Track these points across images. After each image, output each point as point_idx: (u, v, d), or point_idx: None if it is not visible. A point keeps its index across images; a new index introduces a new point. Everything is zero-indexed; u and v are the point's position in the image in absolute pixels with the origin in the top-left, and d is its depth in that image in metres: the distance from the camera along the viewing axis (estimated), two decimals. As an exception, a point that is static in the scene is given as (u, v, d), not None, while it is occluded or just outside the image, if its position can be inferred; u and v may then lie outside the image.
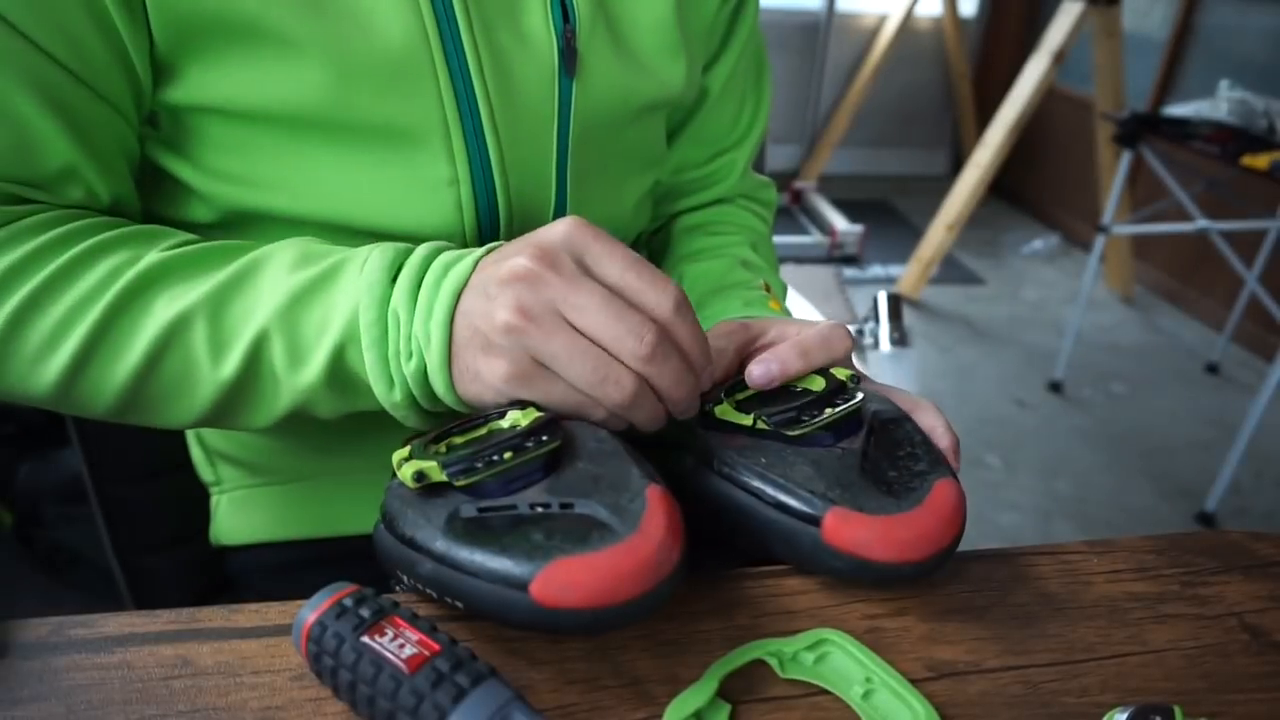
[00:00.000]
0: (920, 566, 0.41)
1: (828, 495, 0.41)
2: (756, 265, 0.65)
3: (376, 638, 0.33)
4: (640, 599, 0.34)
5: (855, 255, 3.16)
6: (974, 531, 1.87)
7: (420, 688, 0.31)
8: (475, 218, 0.51)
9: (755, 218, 0.72)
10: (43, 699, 0.35)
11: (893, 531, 0.40)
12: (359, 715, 0.33)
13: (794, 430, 0.44)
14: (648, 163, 0.63)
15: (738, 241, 0.67)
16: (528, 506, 0.37)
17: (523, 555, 0.34)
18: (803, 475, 0.42)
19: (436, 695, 0.31)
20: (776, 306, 0.59)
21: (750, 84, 0.69)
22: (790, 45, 3.76)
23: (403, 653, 0.32)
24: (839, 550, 0.41)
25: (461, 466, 0.37)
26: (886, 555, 0.40)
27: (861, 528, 0.40)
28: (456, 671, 0.31)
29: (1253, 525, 1.97)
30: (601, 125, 0.55)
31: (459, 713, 0.30)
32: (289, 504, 0.61)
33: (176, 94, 0.46)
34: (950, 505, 0.42)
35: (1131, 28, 3.16)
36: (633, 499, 0.37)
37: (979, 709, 0.38)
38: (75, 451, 0.69)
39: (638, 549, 0.34)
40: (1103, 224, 2.30)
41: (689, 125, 0.67)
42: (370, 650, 0.32)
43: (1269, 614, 0.45)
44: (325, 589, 0.35)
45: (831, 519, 0.41)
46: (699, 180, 0.70)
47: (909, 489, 0.42)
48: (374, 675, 0.32)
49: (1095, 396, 2.45)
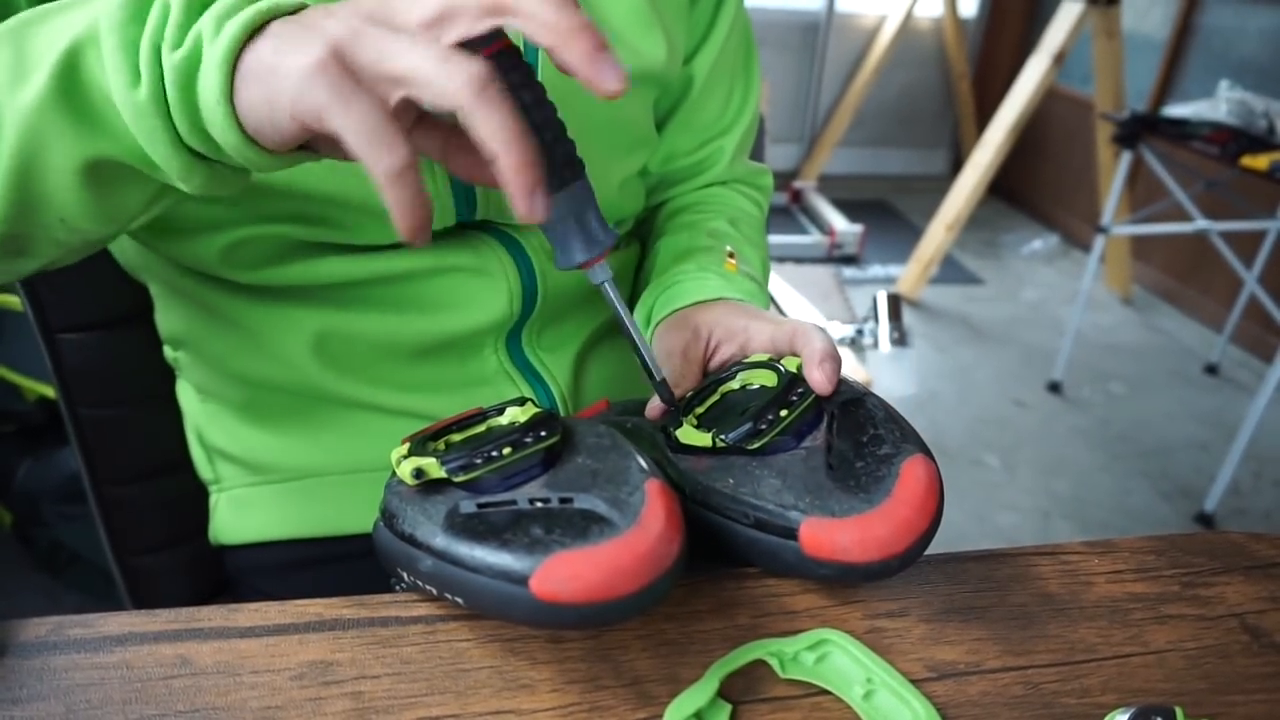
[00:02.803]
0: (905, 557, 0.40)
1: (798, 506, 0.41)
2: (724, 234, 0.65)
3: None
4: (640, 593, 0.34)
5: (855, 255, 3.15)
6: (973, 531, 1.88)
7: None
8: (450, 189, 0.51)
9: (745, 199, 0.72)
10: (42, 698, 0.35)
11: (869, 531, 0.40)
12: None
13: (755, 443, 0.43)
14: (633, 143, 0.62)
15: (714, 215, 0.67)
16: (527, 502, 0.37)
17: (522, 550, 0.34)
18: (771, 489, 0.42)
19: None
20: (732, 266, 0.58)
21: (739, 69, 0.69)
22: (790, 45, 3.76)
23: None
24: (821, 560, 0.40)
25: (460, 463, 0.37)
26: (868, 556, 0.40)
27: (838, 534, 0.40)
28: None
29: (1252, 526, 1.97)
30: (573, 93, 0.54)
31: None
32: (289, 503, 0.61)
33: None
34: (921, 487, 0.41)
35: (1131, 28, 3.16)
36: (632, 492, 0.36)
37: (979, 709, 0.38)
38: (74, 451, 0.69)
39: (637, 542, 0.34)
40: (1102, 224, 2.30)
41: (677, 113, 0.67)
42: None
43: (1269, 615, 0.45)
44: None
45: (807, 532, 0.40)
46: (689, 169, 0.70)
47: (877, 479, 0.41)
48: None
49: (1094, 397, 2.45)
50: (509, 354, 0.59)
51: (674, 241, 0.64)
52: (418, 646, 0.38)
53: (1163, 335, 2.86)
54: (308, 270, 0.52)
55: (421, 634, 0.39)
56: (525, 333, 0.59)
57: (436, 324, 0.55)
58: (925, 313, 2.87)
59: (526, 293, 0.56)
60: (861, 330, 2.59)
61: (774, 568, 0.43)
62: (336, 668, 0.37)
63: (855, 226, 3.17)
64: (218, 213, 0.49)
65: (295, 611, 0.39)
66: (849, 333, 2.55)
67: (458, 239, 0.55)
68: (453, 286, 0.54)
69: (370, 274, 0.53)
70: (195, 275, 0.54)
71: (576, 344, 0.62)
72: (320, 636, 0.38)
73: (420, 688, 0.36)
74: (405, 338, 0.55)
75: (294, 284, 0.53)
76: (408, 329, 0.55)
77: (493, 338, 0.57)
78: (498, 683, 0.37)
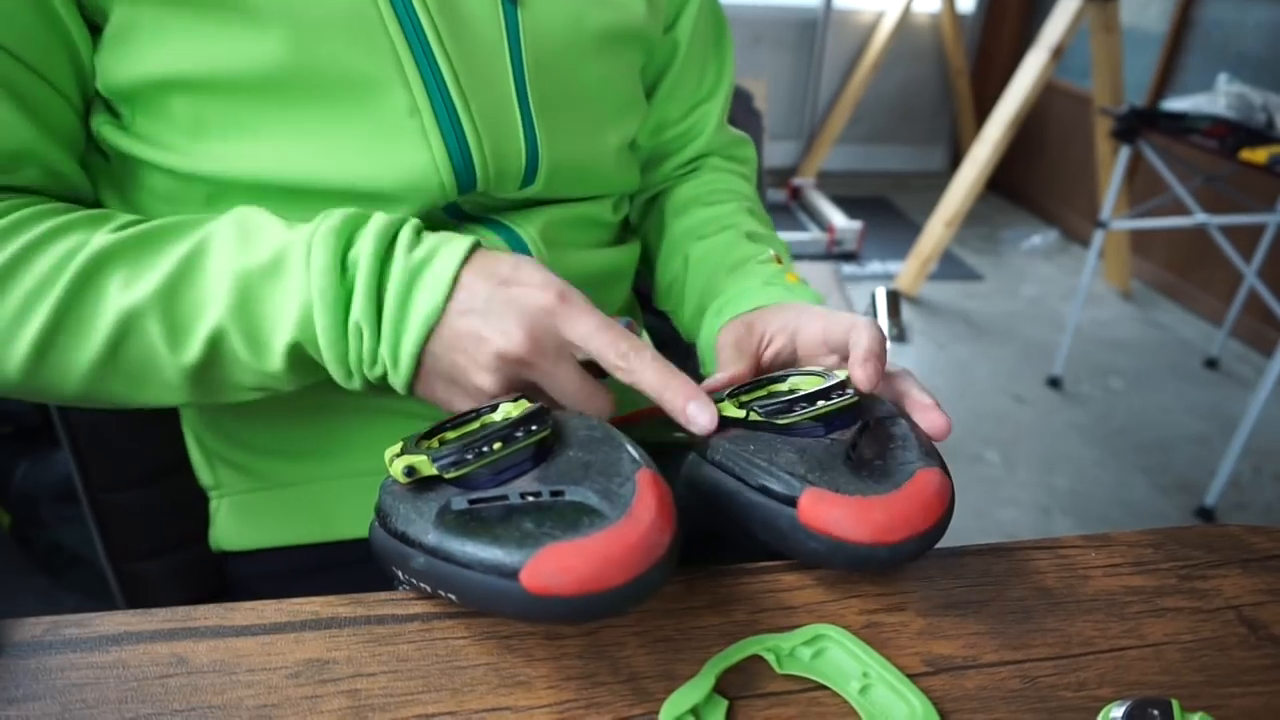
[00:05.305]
0: (895, 549, 0.40)
1: (807, 477, 0.41)
2: (760, 236, 0.66)
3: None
4: (630, 584, 0.34)
5: (853, 252, 3.16)
6: (972, 526, 1.88)
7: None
8: (445, 149, 0.50)
9: (740, 179, 0.73)
10: (37, 698, 0.35)
11: (868, 512, 0.40)
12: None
13: (784, 419, 0.44)
14: (624, 106, 0.62)
15: (735, 209, 0.68)
16: (518, 496, 0.37)
17: (513, 544, 0.34)
18: (786, 460, 0.43)
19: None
20: (794, 279, 0.60)
21: (712, 34, 0.70)
22: (788, 42, 3.76)
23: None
24: (813, 530, 0.40)
25: (451, 459, 0.37)
26: (860, 535, 0.40)
27: (836, 507, 0.40)
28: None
29: (1252, 520, 1.97)
30: (557, 51, 0.55)
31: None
32: (290, 508, 0.61)
33: (136, 69, 0.47)
34: (930, 491, 0.41)
35: (1130, 22, 3.16)
36: (623, 484, 0.36)
37: (976, 704, 0.38)
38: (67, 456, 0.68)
39: (627, 533, 0.34)
40: (1101, 219, 2.30)
41: (664, 81, 0.68)
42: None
43: (1267, 607, 0.45)
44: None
45: (807, 499, 0.41)
46: (678, 138, 0.71)
47: (889, 474, 0.42)
48: None
49: (1094, 392, 2.45)
50: None
51: (714, 246, 0.65)
52: (414, 644, 0.38)
53: (1162, 330, 2.86)
54: None
55: (418, 632, 0.39)
56: None
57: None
58: (924, 309, 2.87)
59: None
60: (861, 327, 2.58)
61: (766, 536, 0.43)
62: (333, 666, 0.37)
63: (854, 223, 3.17)
64: (192, 210, 0.50)
65: (291, 610, 0.39)
66: (848, 329, 2.55)
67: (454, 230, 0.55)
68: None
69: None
70: None
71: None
72: (316, 635, 0.38)
73: (417, 685, 0.36)
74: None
75: None
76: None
77: None
78: (494, 680, 0.37)
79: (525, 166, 0.54)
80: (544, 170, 0.55)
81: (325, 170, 0.49)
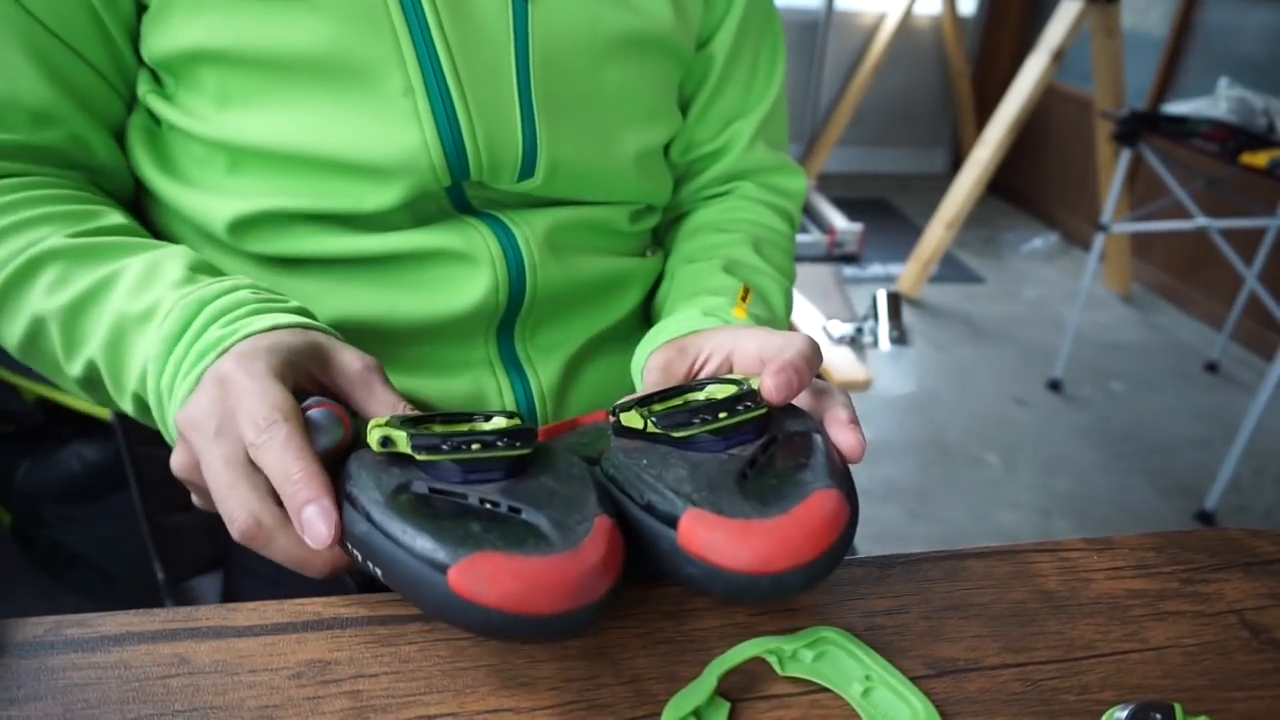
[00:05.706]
0: (778, 580, 0.36)
1: (691, 497, 0.38)
2: (746, 266, 0.62)
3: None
4: (554, 618, 0.33)
5: (854, 254, 3.16)
6: (973, 530, 1.88)
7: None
8: (436, 131, 0.51)
9: (771, 211, 0.70)
10: (39, 698, 0.34)
11: (748, 538, 0.36)
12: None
13: (680, 432, 0.41)
14: (648, 113, 0.61)
15: (736, 240, 0.65)
16: (477, 500, 0.36)
17: (454, 540, 0.34)
18: (675, 477, 0.39)
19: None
20: (741, 314, 0.55)
21: (760, 53, 0.67)
22: (789, 44, 3.73)
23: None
24: (691, 555, 0.37)
25: (428, 444, 0.37)
26: (738, 564, 0.36)
27: (715, 530, 0.37)
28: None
29: (1253, 523, 1.97)
30: (568, 50, 0.55)
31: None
32: None
33: (172, 41, 0.50)
34: (821, 516, 0.37)
35: (1131, 26, 3.16)
36: (580, 522, 0.36)
37: (978, 706, 0.38)
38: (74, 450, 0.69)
39: (567, 566, 0.33)
40: (1102, 222, 2.30)
41: (697, 100, 0.66)
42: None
43: (1269, 611, 0.45)
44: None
45: (686, 522, 0.37)
46: (707, 157, 0.69)
47: (780, 497, 0.38)
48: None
49: (1094, 395, 2.45)
50: (499, 346, 0.58)
51: (693, 273, 0.62)
52: (416, 645, 0.38)
53: (1163, 333, 2.86)
54: (302, 244, 0.54)
55: (420, 632, 0.39)
56: (518, 327, 0.58)
57: (422, 307, 0.55)
58: (925, 311, 2.87)
59: (514, 284, 0.56)
60: (861, 329, 2.59)
61: (649, 557, 0.40)
62: (335, 666, 0.37)
63: (855, 225, 3.17)
64: (230, 183, 0.53)
65: (293, 610, 0.39)
66: (849, 331, 2.55)
67: (448, 222, 0.55)
68: (439, 270, 0.55)
69: (360, 251, 0.54)
70: (213, 244, 0.56)
71: (572, 347, 0.61)
72: (318, 635, 0.38)
73: (419, 686, 0.36)
74: (395, 319, 0.55)
75: (290, 256, 0.54)
76: (397, 310, 0.55)
77: (483, 328, 0.57)
78: (496, 681, 0.37)
79: (522, 160, 0.54)
80: (543, 166, 0.55)
81: (327, 143, 0.51)
